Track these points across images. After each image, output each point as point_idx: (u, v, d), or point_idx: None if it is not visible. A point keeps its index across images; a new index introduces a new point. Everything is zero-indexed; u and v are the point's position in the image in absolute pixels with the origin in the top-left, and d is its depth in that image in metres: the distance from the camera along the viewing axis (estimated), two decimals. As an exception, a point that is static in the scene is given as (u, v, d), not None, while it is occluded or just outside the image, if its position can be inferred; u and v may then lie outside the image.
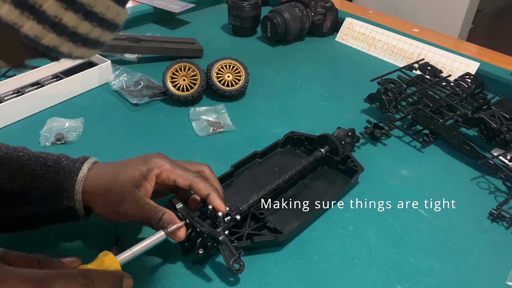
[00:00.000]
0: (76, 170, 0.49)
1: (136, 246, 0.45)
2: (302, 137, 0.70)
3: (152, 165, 0.50)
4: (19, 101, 0.75)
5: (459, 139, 0.73)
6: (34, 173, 0.48)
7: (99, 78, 0.87)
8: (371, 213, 0.61)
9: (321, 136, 0.68)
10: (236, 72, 0.85)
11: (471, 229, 0.60)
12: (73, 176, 0.48)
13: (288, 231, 0.54)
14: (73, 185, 0.48)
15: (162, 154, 0.52)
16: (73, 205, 0.48)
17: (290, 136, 0.71)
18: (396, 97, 0.79)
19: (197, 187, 0.50)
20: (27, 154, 0.49)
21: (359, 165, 0.65)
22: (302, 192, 0.63)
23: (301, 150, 0.71)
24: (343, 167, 0.66)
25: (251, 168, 0.67)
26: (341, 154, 0.66)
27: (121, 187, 0.48)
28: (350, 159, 0.66)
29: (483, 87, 0.87)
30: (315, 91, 0.91)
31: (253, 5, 1.09)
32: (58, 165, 0.49)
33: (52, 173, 0.48)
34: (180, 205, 0.51)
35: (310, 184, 0.64)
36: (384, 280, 0.52)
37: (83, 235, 0.54)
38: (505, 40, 2.87)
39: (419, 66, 0.90)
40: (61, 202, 0.48)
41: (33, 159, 0.49)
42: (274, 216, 0.58)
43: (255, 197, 0.56)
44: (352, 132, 0.69)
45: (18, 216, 0.48)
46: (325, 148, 0.67)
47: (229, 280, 0.50)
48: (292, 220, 0.57)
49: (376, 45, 1.06)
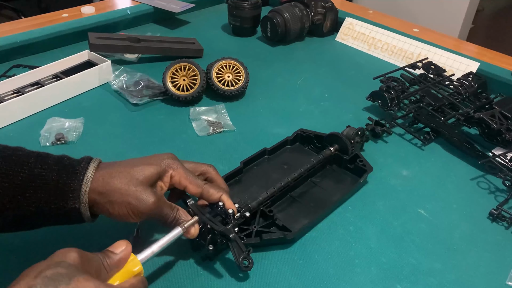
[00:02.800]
0: (82, 170, 0.47)
1: (155, 245, 0.45)
2: (311, 135, 0.70)
3: (167, 166, 0.50)
4: (19, 101, 0.75)
5: (460, 138, 0.73)
6: (33, 172, 0.46)
7: (99, 78, 0.87)
8: (371, 213, 0.61)
9: (330, 134, 0.67)
10: (236, 72, 0.85)
11: (471, 229, 0.60)
12: (78, 176, 0.46)
13: (297, 229, 0.54)
14: (79, 186, 0.46)
15: (174, 155, 0.51)
16: (78, 206, 0.46)
17: (299, 133, 0.71)
18: (398, 95, 0.79)
19: (207, 194, 0.50)
20: (26, 153, 0.48)
21: (368, 165, 0.65)
22: (310, 190, 0.63)
23: (310, 148, 0.71)
24: (351, 166, 0.66)
25: (260, 164, 0.67)
26: (350, 153, 0.66)
27: (140, 186, 0.47)
28: (359, 158, 0.65)
29: (486, 87, 0.87)
30: (315, 91, 0.91)
31: (253, 5, 1.09)
32: (60, 164, 0.47)
33: (54, 172, 0.46)
34: (192, 202, 0.51)
35: (318, 183, 0.64)
36: (384, 280, 0.52)
37: (86, 233, 0.54)
38: (505, 40, 2.87)
39: (423, 65, 0.90)
40: (64, 203, 0.46)
41: (33, 158, 0.47)
42: (283, 213, 0.58)
43: (264, 194, 0.57)
44: (361, 131, 0.69)
45: (19, 216, 0.47)
46: (334, 146, 0.66)
47: (233, 278, 0.51)
48: (300, 218, 0.57)
49: (376, 45, 1.06)
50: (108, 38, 0.94)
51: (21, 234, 0.51)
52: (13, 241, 0.53)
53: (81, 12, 1.11)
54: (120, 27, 1.10)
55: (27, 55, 0.96)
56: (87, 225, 0.50)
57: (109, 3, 1.18)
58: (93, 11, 1.11)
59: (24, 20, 1.08)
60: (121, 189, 0.46)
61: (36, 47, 0.97)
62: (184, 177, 0.50)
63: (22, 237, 0.53)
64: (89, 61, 0.90)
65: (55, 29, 0.99)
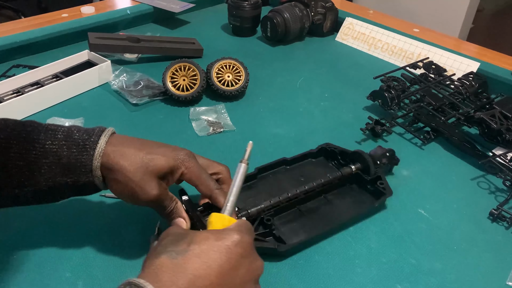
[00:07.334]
0: (92, 144, 0.46)
1: (231, 196, 0.46)
2: (336, 150, 0.67)
3: (181, 163, 0.49)
4: (19, 101, 0.75)
5: (460, 137, 0.73)
6: (45, 148, 0.46)
7: (99, 78, 0.87)
8: (371, 213, 0.61)
9: (355, 152, 0.64)
10: (236, 72, 0.85)
11: (471, 229, 0.60)
12: (89, 151, 0.46)
13: (291, 244, 0.53)
14: (90, 161, 0.46)
15: (191, 152, 0.51)
16: (92, 179, 0.46)
17: (324, 147, 0.68)
18: (399, 95, 0.79)
19: (216, 200, 0.50)
20: (36, 128, 0.47)
21: (389, 189, 0.60)
22: (321, 207, 0.60)
23: (334, 164, 0.67)
24: (372, 188, 0.62)
25: (276, 173, 0.65)
26: (373, 174, 0.62)
27: (148, 175, 0.46)
28: (380, 180, 0.61)
29: (486, 86, 0.87)
30: (315, 91, 0.91)
31: (253, 5, 1.09)
32: (69, 138, 0.46)
33: (65, 147, 0.46)
34: (186, 198, 0.51)
35: (332, 200, 0.61)
36: (384, 280, 0.52)
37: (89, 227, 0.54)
38: (505, 40, 2.87)
39: (424, 64, 0.90)
40: (78, 177, 0.46)
41: (43, 133, 0.46)
42: (286, 226, 0.57)
43: (267, 203, 0.55)
44: (391, 153, 0.66)
45: (39, 191, 0.46)
46: (357, 165, 0.63)
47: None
48: (301, 233, 0.55)
49: (376, 45, 1.06)
50: (108, 38, 0.94)
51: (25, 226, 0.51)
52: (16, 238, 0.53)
53: (81, 12, 1.11)
54: (120, 27, 1.10)
55: (27, 55, 0.96)
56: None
57: (109, 3, 1.18)
58: (93, 11, 1.11)
59: (24, 20, 1.08)
60: (128, 172, 0.46)
61: (36, 47, 0.97)
62: (197, 176, 0.49)
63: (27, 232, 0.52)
64: (89, 61, 0.90)
65: (55, 29, 0.99)
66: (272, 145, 0.73)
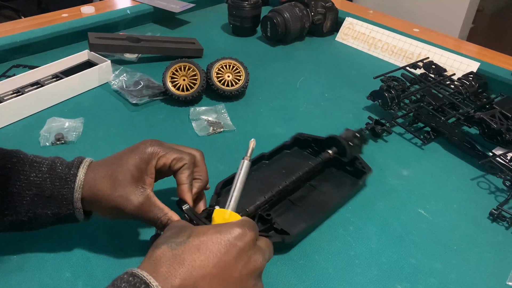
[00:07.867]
0: (72, 177, 0.47)
1: (234, 191, 0.48)
2: (309, 138, 0.69)
3: (148, 156, 0.48)
4: (19, 101, 0.75)
5: (460, 137, 0.73)
6: (30, 180, 0.47)
7: (99, 78, 0.87)
8: (371, 213, 0.61)
9: (329, 137, 0.67)
10: (236, 72, 0.85)
11: (471, 229, 0.60)
12: (70, 184, 0.47)
13: (295, 233, 0.54)
14: (71, 193, 0.47)
15: (150, 140, 0.50)
16: (72, 212, 0.48)
17: (298, 137, 0.70)
18: (399, 95, 0.79)
19: (182, 192, 0.50)
20: (21, 159, 0.48)
21: (367, 166, 0.64)
22: (309, 194, 0.62)
23: (309, 152, 0.70)
24: (351, 169, 0.65)
25: (258, 169, 0.66)
26: (349, 155, 0.64)
27: (123, 190, 0.47)
28: (358, 160, 0.64)
29: (486, 86, 0.87)
30: (315, 91, 0.91)
31: (253, 5, 1.09)
32: (53, 171, 0.48)
33: (48, 180, 0.47)
34: (187, 206, 0.51)
35: (317, 186, 0.63)
36: (384, 280, 0.52)
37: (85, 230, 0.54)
38: (505, 40, 2.87)
39: (424, 64, 0.90)
40: (59, 209, 0.47)
41: (28, 164, 0.47)
42: (281, 218, 0.57)
43: (261, 199, 0.56)
44: (360, 132, 0.68)
45: (17, 222, 0.47)
46: (333, 149, 0.65)
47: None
48: (299, 222, 0.56)
49: (376, 45, 1.06)
50: (108, 38, 0.94)
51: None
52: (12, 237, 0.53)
53: (81, 12, 1.11)
54: (120, 27, 1.10)
55: (27, 55, 0.96)
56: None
57: (109, 3, 1.18)
58: (93, 11, 1.11)
59: (24, 20, 1.08)
60: (104, 196, 0.47)
61: (36, 47, 0.97)
62: (166, 157, 0.49)
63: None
64: (89, 61, 0.90)
65: (55, 29, 0.99)
66: (272, 145, 0.73)
